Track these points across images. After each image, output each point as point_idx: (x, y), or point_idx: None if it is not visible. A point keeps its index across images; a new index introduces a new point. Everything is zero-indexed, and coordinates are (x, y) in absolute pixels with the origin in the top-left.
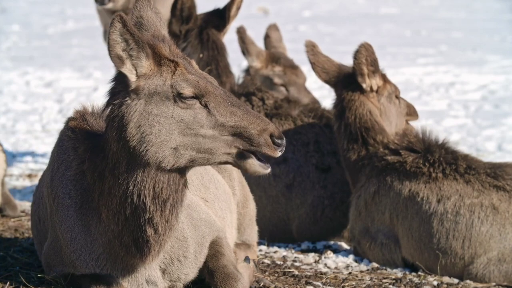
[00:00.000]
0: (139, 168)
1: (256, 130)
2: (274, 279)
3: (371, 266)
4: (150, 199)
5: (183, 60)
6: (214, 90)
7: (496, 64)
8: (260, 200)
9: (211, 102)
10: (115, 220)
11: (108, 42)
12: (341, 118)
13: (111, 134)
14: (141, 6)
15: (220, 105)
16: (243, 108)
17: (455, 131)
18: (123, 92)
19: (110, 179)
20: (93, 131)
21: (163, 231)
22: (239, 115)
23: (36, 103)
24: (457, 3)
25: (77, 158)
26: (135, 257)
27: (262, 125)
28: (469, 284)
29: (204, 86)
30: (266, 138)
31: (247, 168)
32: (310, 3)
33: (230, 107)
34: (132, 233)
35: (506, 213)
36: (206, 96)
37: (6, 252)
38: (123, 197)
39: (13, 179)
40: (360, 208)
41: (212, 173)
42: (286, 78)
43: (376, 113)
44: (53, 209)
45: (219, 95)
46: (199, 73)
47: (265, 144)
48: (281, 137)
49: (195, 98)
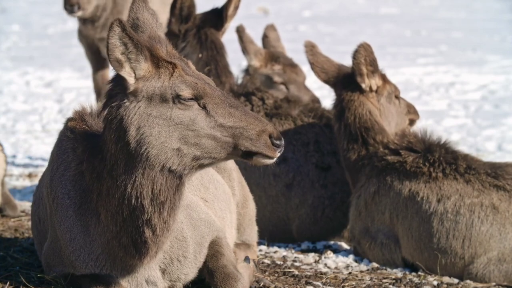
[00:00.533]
0: (138, 170)
1: (255, 131)
2: (274, 279)
3: (371, 266)
4: (148, 201)
5: (180, 61)
6: (212, 91)
7: (496, 64)
8: (260, 200)
9: (209, 104)
10: (113, 221)
11: (107, 46)
12: (340, 118)
13: (109, 136)
14: (137, 8)
15: (218, 106)
16: (241, 109)
17: (455, 131)
18: (121, 94)
19: (108, 181)
20: (92, 131)
21: (161, 232)
22: (237, 116)
23: (36, 103)
24: (457, 3)
25: (76, 159)
26: (134, 257)
27: (261, 126)
28: (469, 284)
29: (202, 87)
30: (266, 139)
31: (255, 164)
32: (310, 3)
33: (228, 108)
34: (131, 234)
35: (506, 212)
36: (205, 97)
37: (6, 252)
38: (121, 198)
39: (13, 179)
40: (360, 208)
41: (211, 174)
42: (286, 77)
43: (376, 113)
44: (52, 210)
45: (217, 96)
46: (196, 74)
47: (264, 145)
48: (279, 137)
49: (193, 100)
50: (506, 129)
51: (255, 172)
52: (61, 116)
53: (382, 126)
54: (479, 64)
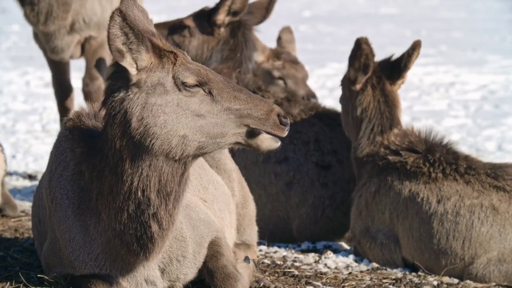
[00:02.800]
0: (145, 162)
1: (264, 111)
2: (274, 279)
3: (371, 266)
4: (155, 193)
5: (179, 51)
6: (215, 77)
7: (496, 64)
8: (260, 198)
9: (214, 89)
10: (117, 219)
11: (108, 36)
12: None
13: (113, 132)
14: (126, 6)
15: (223, 91)
16: (245, 92)
17: (455, 131)
18: (123, 87)
19: (110, 178)
20: (90, 131)
21: (167, 226)
22: (243, 98)
23: (36, 103)
24: (457, 3)
25: (74, 159)
26: (138, 255)
27: (267, 107)
28: (469, 284)
29: (205, 73)
30: (275, 119)
31: (259, 145)
32: (310, 3)
33: (233, 92)
34: (135, 231)
35: (506, 213)
36: (209, 83)
37: (6, 252)
38: (127, 194)
39: (13, 179)
40: (361, 207)
41: (211, 174)
42: (284, 72)
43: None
44: (51, 210)
45: (220, 81)
46: (196, 63)
47: (273, 124)
48: (286, 116)
49: (198, 86)
50: (506, 129)
51: (255, 170)
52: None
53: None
54: (479, 64)
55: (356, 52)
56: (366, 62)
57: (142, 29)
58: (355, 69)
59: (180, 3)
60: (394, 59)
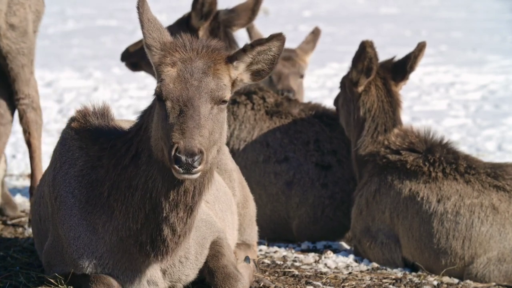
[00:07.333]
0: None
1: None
2: (274, 279)
3: (371, 266)
4: (164, 198)
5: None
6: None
7: (496, 64)
8: (260, 198)
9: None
10: (135, 217)
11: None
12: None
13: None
14: (145, 9)
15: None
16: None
17: (455, 131)
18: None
19: (131, 169)
20: (98, 130)
21: (182, 232)
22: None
23: None
24: (457, 3)
25: (83, 155)
26: (149, 256)
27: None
28: (469, 284)
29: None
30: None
31: None
32: (310, 3)
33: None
34: (152, 231)
35: (506, 213)
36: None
37: (6, 252)
38: (143, 190)
39: (13, 179)
40: (361, 207)
41: None
42: None
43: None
44: (54, 208)
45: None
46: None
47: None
48: (189, 154)
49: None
50: (506, 129)
51: (255, 170)
52: (61, 116)
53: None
54: (479, 64)
55: (360, 55)
56: (369, 65)
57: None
58: (357, 71)
59: (180, 3)
60: (397, 60)
